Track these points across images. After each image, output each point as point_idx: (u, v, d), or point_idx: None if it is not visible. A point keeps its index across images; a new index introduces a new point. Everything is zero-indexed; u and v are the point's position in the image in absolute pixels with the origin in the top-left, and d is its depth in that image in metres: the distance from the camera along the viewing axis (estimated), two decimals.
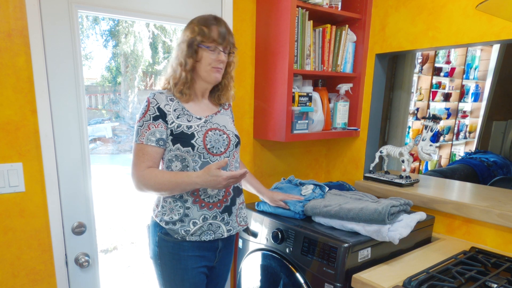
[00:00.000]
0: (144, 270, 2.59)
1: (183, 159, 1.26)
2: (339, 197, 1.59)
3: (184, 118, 1.27)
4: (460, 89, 4.68)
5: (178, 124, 1.25)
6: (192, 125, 1.26)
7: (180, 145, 1.24)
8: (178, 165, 1.27)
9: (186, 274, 1.30)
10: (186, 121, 1.27)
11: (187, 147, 1.24)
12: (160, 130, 1.23)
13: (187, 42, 1.23)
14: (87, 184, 1.48)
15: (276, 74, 1.70)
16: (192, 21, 1.27)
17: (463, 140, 5.07)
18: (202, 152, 1.26)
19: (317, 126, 1.84)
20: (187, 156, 1.25)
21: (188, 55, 1.24)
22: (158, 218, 1.30)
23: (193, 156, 1.25)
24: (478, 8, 0.99)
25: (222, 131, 1.32)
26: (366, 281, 1.20)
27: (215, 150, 1.28)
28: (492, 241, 1.48)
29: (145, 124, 1.23)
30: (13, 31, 1.26)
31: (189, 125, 1.26)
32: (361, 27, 1.87)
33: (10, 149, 1.31)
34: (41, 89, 1.32)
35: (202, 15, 1.27)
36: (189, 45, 1.23)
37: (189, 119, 1.27)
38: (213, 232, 1.30)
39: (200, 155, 1.26)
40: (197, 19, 1.26)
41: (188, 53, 1.24)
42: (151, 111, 1.23)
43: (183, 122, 1.26)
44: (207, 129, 1.29)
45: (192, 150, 1.24)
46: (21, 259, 1.38)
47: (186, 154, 1.25)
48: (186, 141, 1.24)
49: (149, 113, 1.23)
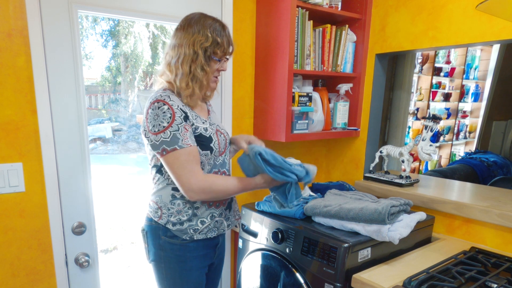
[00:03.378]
0: (144, 270, 2.60)
1: (200, 162, 1.21)
2: (339, 197, 1.59)
3: (198, 120, 1.23)
4: (460, 89, 4.68)
5: (197, 126, 1.21)
6: (207, 127, 1.24)
7: (200, 148, 1.20)
8: None
9: (191, 275, 1.30)
10: (201, 123, 1.23)
11: (206, 150, 1.22)
12: (191, 131, 1.18)
13: (202, 49, 1.17)
14: (87, 184, 1.48)
15: (276, 74, 1.70)
16: (202, 24, 1.18)
17: (463, 140, 5.07)
18: (217, 155, 1.26)
19: (317, 126, 1.84)
20: (204, 159, 1.23)
21: (206, 63, 1.19)
22: (163, 220, 1.26)
23: (210, 159, 1.24)
24: (478, 8, 0.99)
25: (221, 131, 1.33)
26: (366, 281, 1.20)
27: (221, 151, 1.29)
28: (492, 241, 1.48)
29: (180, 127, 1.15)
30: (13, 31, 1.26)
31: (205, 128, 1.23)
32: (361, 27, 1.87)
33: (10, 149, 1.31)
34: (41, 89, 1.32)
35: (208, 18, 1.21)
36: (204, 52, 1.18)
37: (202, 121, 1.25)
38: (217, 229, 1.31)
39: (214, 158, 1.26)
40: (208, 23, 1.18)
41: (204, 61, 1.18)
42: (178, 113, 1.15)
43: (199, 124, 1.22)
44: (215, 131, 1.28)
45: (210, 153, 1.23)
46: (21, 259, 1.38)
47: (204, 157, 1.22)
48: (206, 144, 1.22)
49: (177, 115, 1.15)
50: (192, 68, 1.18)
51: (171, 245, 1.27)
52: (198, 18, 1.20)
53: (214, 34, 1.17)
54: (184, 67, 1.18)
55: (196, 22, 1.19)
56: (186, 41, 1.17)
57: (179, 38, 1.19)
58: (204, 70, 1.19)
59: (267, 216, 1.59)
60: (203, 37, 1.16)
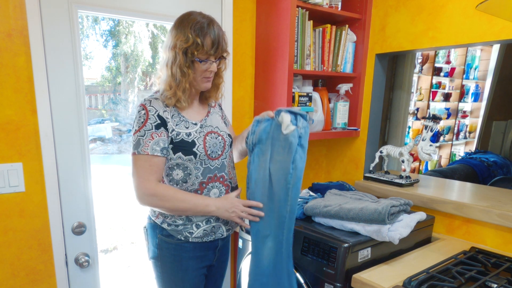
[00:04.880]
0: (144, 270, 2.60)
1: (185, 167, 1.23)
2: (339, 197, 1.59)
3: (182, 125, 1.23)
4: (460, 89, 4.68)
5: (178, 132, 1.21)
6: (191, 132, 1.23)
7: (182, 154, 1.21)
8: (179, 173, 1.24)
9: (186, 275, 1.30)
10: (184, 128, 1.23)
11: (189, 155, 1.21)
12: (163, 139, 1.18)
13: (182, 51, 1.14)
14: (87, 184, 1.48)
15: (276, 74, 1.70)
16: (185, 24, 1.15)
17: (463, 140, 5.07)
18: (204, 158, 1.24)
19: (317, 126, 1.84)
20: (189, 164, 1.23)
21: (186, 65, 1.16)
22: (159, 219, 1.28)
23: (195, 163, 1.23)
24: (478, 8, 0.99)
25: (217, 133, 1.30)
26: (366, 281, 1.20)
27: (214, 155, 1.27)
28: (492, 241, 1.48)
29: (147, 133, 1.16)
30: (13, 31, 1.26)
31: (188, 133, 1.23)
32: (361, 27, 1.87)
33: (10, 149, 1.31)
34: (41, 89, 1.32)
35: (194, 16, 1.16)
36: (184, 54, 1.15)
37: (186, 126, 1.24)
38: (214, 233, 1.31)
39: (201, 162, 1.24)
40: (191, 23, 1.14)
41: (185, 63, 1.16)
42: (151, 120, 1.17)
43: (181, 130, 1.22)
44: (205, 134, 1.26)
45: (194, 158, 1.22)
46: (21, 259, 1.38)
47: (188, 162, 1.23)
48: (188, 149, 1.21)
49: (150, 121, 1.17)
50: (173, 70, 1.17)
51: (167, 244, 1.28)
52: (183, 17, 1.18)
53: (194, 35, 1.13)
54: (167, 70, 1.18)
55: (180, 22, 1.17)
56: (170, 43, 1.17)
57: (167, 39, 1.20)
58: (184, 73, 1.16)
59: None
60: (184, 37, 1.13)
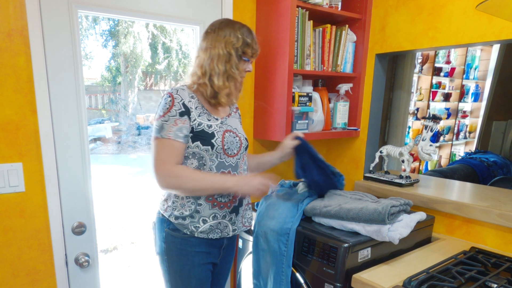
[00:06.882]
0: (144, 270, 2.60)
1: (201, 157, 1.27)
2: (339, 197, 1.59)
3: (204, 117, 1.29)
4: (460, 89, 4.68)
5: (199, 122, 1.26)
6: (212, 124, 1.29)
7: (200, 143, 1.26)
8: (194, 162, 1.28)
9: (193, 270, 1.32)
10: (206, 120, 1.29)
11: (206, 145, 1.26)
12: (186, 126, 1.24)
13: (234, 50, 1.26)
14: (87, 184, 1.48)
15: (276, 74, 1.70)
16: (231, 26, 1.27)
17: (463, 140, 5.07)
18: (220, 152, 1.28)
19: (317, 126, 1.84)
20: (205, 155, 1.27)
21: (236, 65, 1.27)
22: (168, 213, 1.31)
23: (211, 155, 1.28)
24: (478, 8, 0.99)
25: (235, 133, 1.35)
26: (366, 281, 1.20)
27: (230, 152, 1.31)
28: (492, 241, 1.48)
29: (171, 119, 1.22)
30: (13, 31, 1.26)
31: (209, 124, 1.28)
32: (361, 27, 1.87)
33: (10, 149, 1.31)
34: (41, 89, 1.32)
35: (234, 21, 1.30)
36: (235, 53, 1.26)
37: (208, 119, 1.29)
38: (220, 231, 1.32)
39: (217, 155, 1.28)
40: (237, 25, 1.28)
41: (236, 62, 1.27)
42: (176, 107, 1.22)
43: (203, 121, 1.27)
44: (224, 130, 1.31)
45: (211, 149, 1.26)
46: (21, 259, 1.38)
47: (205, 152, 1.27)
48: (207, 139, 1.26)
49: (175, 108, 1.22)
50: (227, 67, 1.26)
51: (173, 238, 1.30)
52: (227, 22, 1.30)
53: (244, 36, 1.27)
54: (219, 67, 1.26)
55: (226, 26, 1.28)
56: (218, 43, 1.26)
57: (210, 40, 1.27)
58: (238, 69, 1.29)
59: None
60: (234, 38, 1.26)
